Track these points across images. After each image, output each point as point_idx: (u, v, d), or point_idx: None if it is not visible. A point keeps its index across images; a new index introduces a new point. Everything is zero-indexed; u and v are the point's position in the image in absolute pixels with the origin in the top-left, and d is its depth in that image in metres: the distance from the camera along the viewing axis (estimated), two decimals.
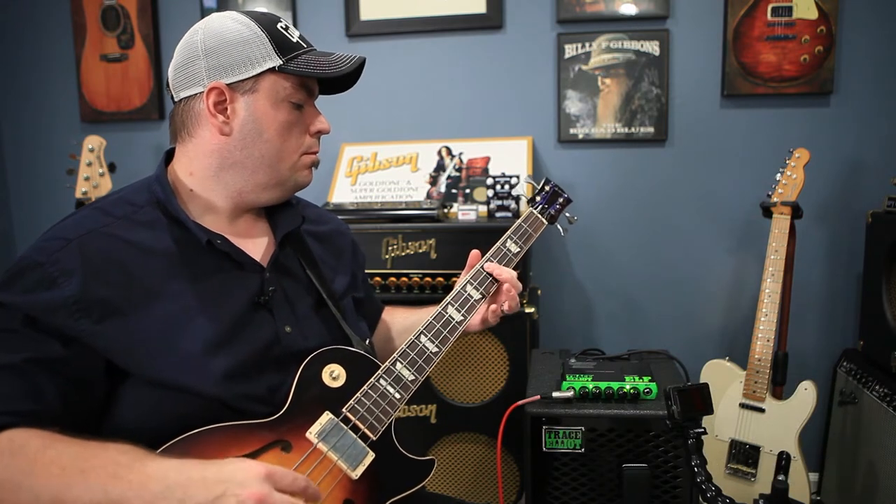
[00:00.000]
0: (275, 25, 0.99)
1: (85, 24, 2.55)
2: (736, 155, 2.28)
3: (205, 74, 0.96)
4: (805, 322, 2.26)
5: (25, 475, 0.78)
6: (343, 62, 1.01)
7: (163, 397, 0.89)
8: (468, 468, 1.98)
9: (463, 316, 1.12)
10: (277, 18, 1.01)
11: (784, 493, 1.12)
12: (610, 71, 2.30)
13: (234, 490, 0.75)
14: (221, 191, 1.00)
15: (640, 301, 2.39)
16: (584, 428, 1.37)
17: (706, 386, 1.10)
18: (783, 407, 1.85)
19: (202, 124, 0.98)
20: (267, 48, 0.97)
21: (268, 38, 0.97)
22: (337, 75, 1.00)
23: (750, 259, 2.28)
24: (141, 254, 0.93)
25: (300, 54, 0.99)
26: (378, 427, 0.98)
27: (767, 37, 2.18)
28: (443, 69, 2.42)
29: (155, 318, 0.90)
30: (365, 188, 2.29)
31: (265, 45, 0.97)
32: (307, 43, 1.03)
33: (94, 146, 2.18)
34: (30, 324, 0.85)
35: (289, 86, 0.99)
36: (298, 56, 0.99)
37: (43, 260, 0.87)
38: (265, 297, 0.99)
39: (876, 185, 2.11)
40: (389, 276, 1.94)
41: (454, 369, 1.95)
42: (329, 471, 0.92)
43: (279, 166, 1.01)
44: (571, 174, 2.36)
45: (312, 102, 1.05)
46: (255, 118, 0.97)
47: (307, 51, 1.01)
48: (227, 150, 0.98)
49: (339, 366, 1.00)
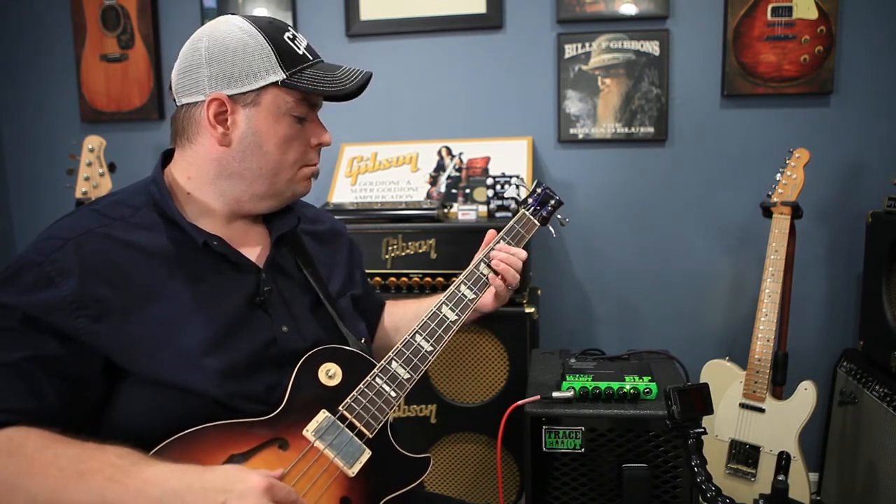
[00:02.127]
0: (282, 35, 0.97)
1: (85, 24, 2.55)
2: (736, 155, 2.28)
3: (207, 84, 0.95)
4: (805, 322, 2.26)
5: (22, 476, 0.78)
6: (348, 78, 1.00)
7: (160, 396, 0.89)
8: (468, 468, 1.98)
9: (457, 315, 1.14)
10: (285, 27, 0.99)
11: (784, 493, 1.11)
12: (610, 71, 2.30)
13: (234, 501, 0.75)
14: (218, 197, 1.00)
15: (639, 301, 2.39)
16: (584, 428, 1.36)
17: (706, 386, 1.10)
18: (783, 407, 1.85)
19: (202, 132, 0.98)
20: (271, 61, 0.95)
21: (273, 50, 0.95)
22: (342, 93, 0.99)
23: (750, 259, 2.27)
24: (138, 255, 0.93)
25: (305, 68, 0.98)
26: (374, 425, 0.98)
27: (767, 37, 2.18)
28: (443, 69, 2.42)
29: (152, 318, 0.90)
30: (365, 188, 2.29)
31: (269, 57, 0.95)
32: (314, 54, 1.01)
33: (94, 146, 2.18)
34: (28, 323, 0.85)
35: (291, 100, 0.98)
36: (303, 70, 0.97)
37: (40, 259, 0.87)
38: (261, 297, 0.99)
39: (876, 185, 2.11)
40: (389, 276, 1.94)
41: (454, 369, 1.95)
42: (326, 468, 0.92)
43: (277, 179, 1.00)
44: (571, 174, 2.36)
45: (315, 115, 1.04)
46: (255, 131, 0.97)
47: (313, 63, 0.99)
48: (225, 161, 0.98)
49: (335, 364, 1.00)
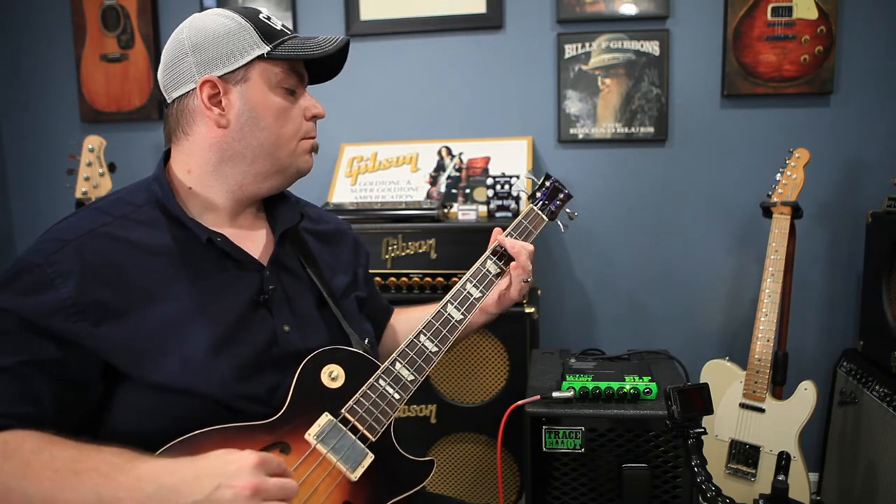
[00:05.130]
0: (257, 16, 1.00)
1: (85, 24, 2.55)
2: (736, 155, 2.28)
3: (195, 70, 0.96)
4: (805, 322, 2.26)
5: (18, 478, 0.78)
6: (328, 43, 1.02)
7: (160, 399, 0.88)
8: (468, 468, 1.98)
9: (463, 314, 1.12)
10: (258, 10, 1.02)
11: (784, 493, 1.12)
12: (610, 71, 2.30)
13: (229, 482, 0.75)
14: (221, 185, 1.00)
15: (640, 301, 2.39)
16: (584, 428, 1.36)
17: (706, 386, 1.10)
18: (783, 407, 1.85)
19: (197, 120, 0.98)
20: (253, 37, 0.97)
21: (253, 28, 0.98)
22: (323, 55, 1.00)
23: (750, 259, 2.28)
24: (140, 253, 0.93)
25: (286, 40, 1.00)
26: (377, 428, 0.97)
27: (767, 37, 2.18)
28: (443, 69, 2.42)
29: (154, 320, 0.90)
30: (365, 188, 2.29)
31: (251, 34, 0.97)
32: (290, 30, 1.04)
33: (94, 146, 2.17)
34: (26, 326, 0.84)
35: (279, 71, 0.99)
36: (284, 42, 1.00)
37: (40, 261, 0.87)
38: (265, 295, 0.99)
39: (876, 185, 2.11)
40: (389, 276, 1.94)
41: (454, 369, 1.95)
42: (328, 472, 0.92)
43: (278, 153, 1.01)
44: (571, 174, 2.36)
45: (304, 88, 1.06)
46: (250, 106, 0.98)
47: (291, 37, 1.02)
48: (225, 143, 0.98)
49: (337, 366, 0.99)
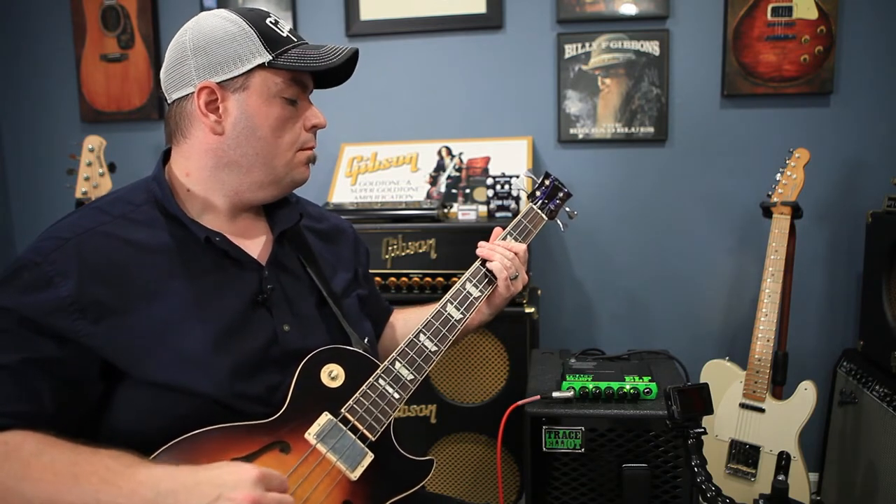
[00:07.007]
0: (263, 21, 0.97)
1: (85, 24, 2.55)
2: (736, 155, 2.28)
3: (195, 74, 0.95)
4: (805, 322, 2.26)
5: (18, 480, 0.78)
6: (334, 54, 0.99)
7: (160, 398, 0.88)
8: (468, 468, 1.98)
9: (462, 314, 1.12)
10: (266, 14, 0.99)
11: (784, 493, 1.11)
12: (610, 71, 2.30)
13: (228, 494, 0.75)
14: (219, 190, 1.00)
15: (640, 301, 2.39)
16: (584, 428, 1.36)
17: (706, 386, 1.10)
18: (783, 407, 1.85)
19: (195, 125, 0.97)
20: (256, 44, 0.95)
21: (256, 34, 0.95)
22: (327, 68, 0.98)
23: (750, 259, 2.27)
24: (139, 252, 0.92)
25: (290, 48, 0.97)
26: (377, 427, 0.97)
27: (767, 37, 2.18)
28: (443, 69, 2.42)
29: (153, 318, 0.90)
30: (365, 188, 2.29)
31: (254, 40, 0.95)
32: (297, 37, 1.01)
33: (94, 146, 2.17)
34: (26, 324, 0.84)
35: (280, 81, 0.97)
36: (288, 50, 0.97)
37: (39, 260, 0.87)
38: (264, 294, 0.99)
39: (876, 185, 2.11)
40: (389, 276, 1.94)
41: (454, 369, 1.95)
42: (328, 472, 0.92)
43: (274, 163, 0.99)
44: (571, 174, 2.35)
45: (307, 97, 1.03)
46: (247, 116, 0.96)
47: (297, 44, 0.99)
48: (221, 150, 0.97)
49: (337, 365, 0.99)
